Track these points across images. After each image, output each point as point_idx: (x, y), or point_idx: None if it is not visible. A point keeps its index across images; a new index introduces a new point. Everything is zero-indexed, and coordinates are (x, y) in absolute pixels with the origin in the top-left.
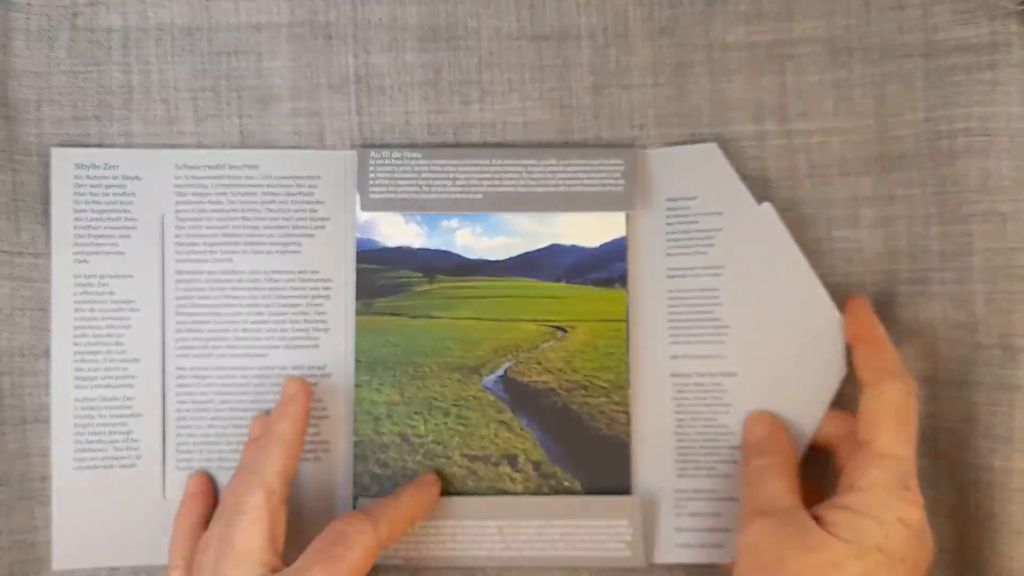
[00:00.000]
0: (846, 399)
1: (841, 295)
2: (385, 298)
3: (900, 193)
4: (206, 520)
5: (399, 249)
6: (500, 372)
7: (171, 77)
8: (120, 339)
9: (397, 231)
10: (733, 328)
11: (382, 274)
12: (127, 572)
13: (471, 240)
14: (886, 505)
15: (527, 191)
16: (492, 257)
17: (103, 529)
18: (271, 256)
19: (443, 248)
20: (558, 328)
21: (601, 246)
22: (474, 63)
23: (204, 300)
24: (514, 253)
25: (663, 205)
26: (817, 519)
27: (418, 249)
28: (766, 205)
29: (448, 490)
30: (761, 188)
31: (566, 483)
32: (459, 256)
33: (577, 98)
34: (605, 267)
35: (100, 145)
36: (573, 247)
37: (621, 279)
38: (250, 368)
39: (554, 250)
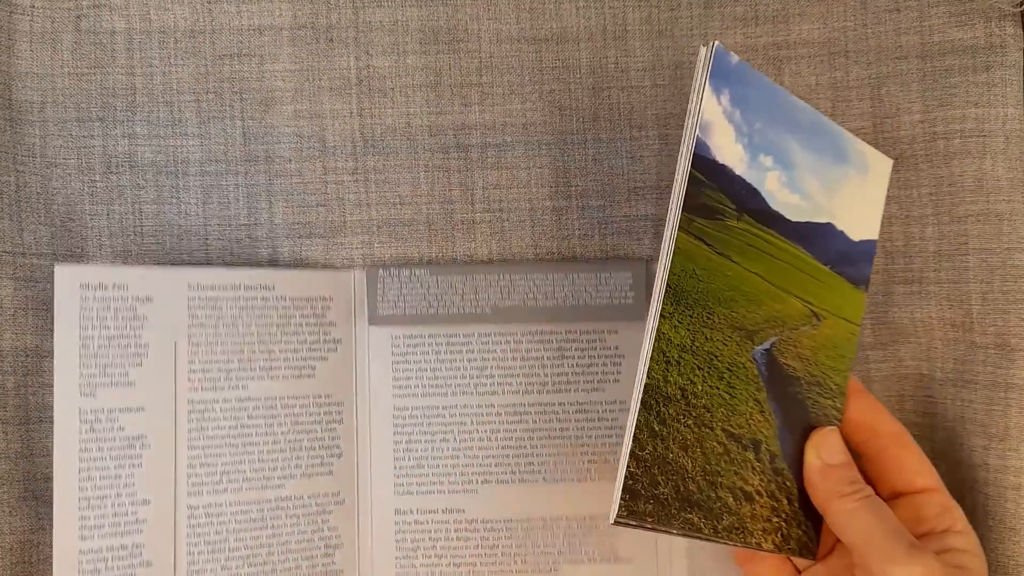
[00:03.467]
0: None
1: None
2: (702, 220)
3: (896, 194)
4: None
5: (724, 168)
6: (766, 345)
7: (174, 80)
8: (130, 480)
9: (726, 146)
10: None
11: (706, 190)
12: None
13: (776, 187)
14: (980, 545)
15: (535, 304)
16: (787, 214)
17: None
18: (286, 381)
19: (754, 185)
20: (814, 314)
21: (860, 241)
22: (474, 65)
23: (218, 430)
24: (802, 218)
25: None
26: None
27: (737, 175)
28: None
29: (706, 468)
30: None
31: (788, 483)
32: (764, 200)
33: (576, 100)
34: (858, 265)
35: (103, 151)
36: (842, 234)
37: (866, 282)
38: (267, 501)
39: (828, 230)
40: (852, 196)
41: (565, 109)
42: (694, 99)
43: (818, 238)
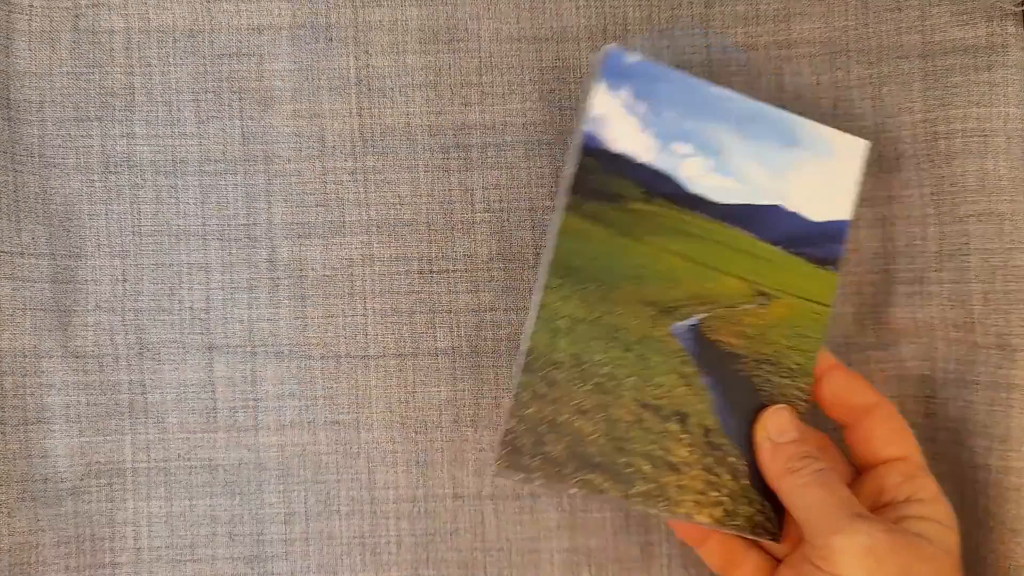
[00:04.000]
0: None
1: (839, 296)
2: (597, 203)
3: (898, 194)
4: None
5: (623, 157)
6: (693, 321)
7: (173, 79)
8: None
9: (628, 136)
10: None
11: (600, 176)
12: None
13: (697, 172)
14: (953, 517)
15: None
16: (713, 197)
17: None
18: None
19: (666, 171)
20: (761, 293)
21: (824, 222)
22: (474, 65)
23: None
24: (735, 200)
25: None
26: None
27: (642, 164)
28: None
29: (611, 434)
30: None
31: (731, 459)
32: (680, 185)
33: (577, 99)
34: (823, 245)
35: (102, 151)
36: (796, 215)
37: (835, 262)
38: None
39: (776, 211)
40: (809, 178)
41: (565, 109)
42: (584, 98)
43: (761, 219)
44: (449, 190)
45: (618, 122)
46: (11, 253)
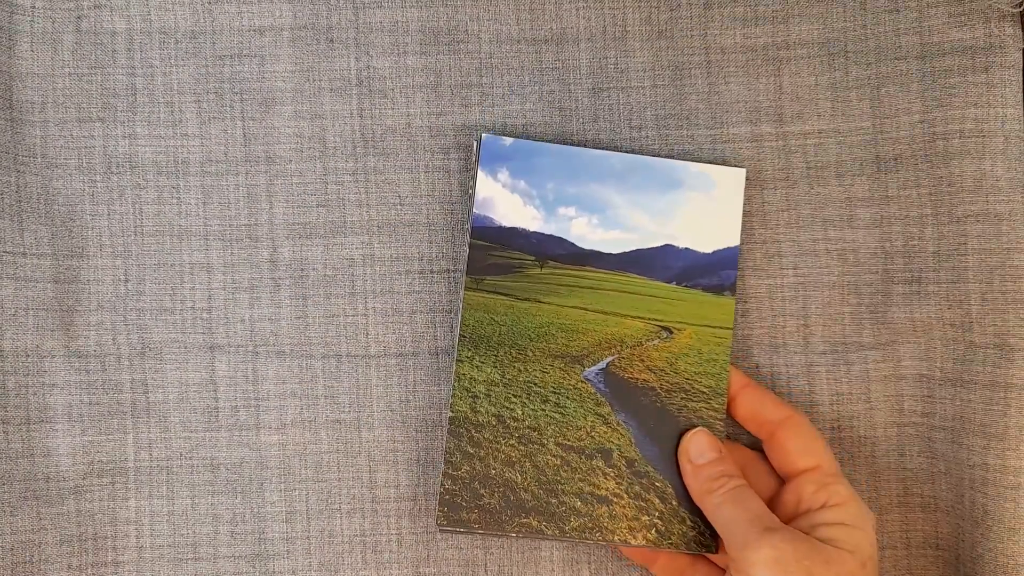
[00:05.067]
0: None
1: (837, 296)
2: (495, 277)
3: (895, 194)
4: None
5: (513, 230)
6: (602, 365)
7: (174, 80)
8: None
9: (514, 212)
10: None
11: (494, 253)
12: None
13: (586, 230)
14: (864, 516)
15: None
16: (605, 249)
17: None
18: None
19: (557, 235)
20: (664, 328)
21: (714, 252)
22: (474, 66)
23: None
24: (627, 248)
25: None
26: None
27: (532, 232)
28: None
29: (540, 479)
30: (757, 189)
31: (657, 483)
32: (572, 244)
33: (576, 100)
34: (716, 273)
35: (104, 151)
36: (687, 250)
37: (731, 287)
38: None
39: (667, 251)
40: (695, 215)
41: (565, 110)
42: (471, 184)
43: (654, 261)
44: (450, 190)
45: (502, 201)
46: (14, 253)
